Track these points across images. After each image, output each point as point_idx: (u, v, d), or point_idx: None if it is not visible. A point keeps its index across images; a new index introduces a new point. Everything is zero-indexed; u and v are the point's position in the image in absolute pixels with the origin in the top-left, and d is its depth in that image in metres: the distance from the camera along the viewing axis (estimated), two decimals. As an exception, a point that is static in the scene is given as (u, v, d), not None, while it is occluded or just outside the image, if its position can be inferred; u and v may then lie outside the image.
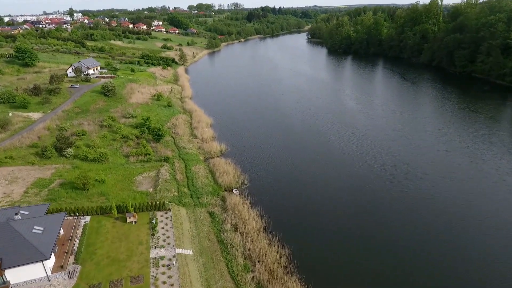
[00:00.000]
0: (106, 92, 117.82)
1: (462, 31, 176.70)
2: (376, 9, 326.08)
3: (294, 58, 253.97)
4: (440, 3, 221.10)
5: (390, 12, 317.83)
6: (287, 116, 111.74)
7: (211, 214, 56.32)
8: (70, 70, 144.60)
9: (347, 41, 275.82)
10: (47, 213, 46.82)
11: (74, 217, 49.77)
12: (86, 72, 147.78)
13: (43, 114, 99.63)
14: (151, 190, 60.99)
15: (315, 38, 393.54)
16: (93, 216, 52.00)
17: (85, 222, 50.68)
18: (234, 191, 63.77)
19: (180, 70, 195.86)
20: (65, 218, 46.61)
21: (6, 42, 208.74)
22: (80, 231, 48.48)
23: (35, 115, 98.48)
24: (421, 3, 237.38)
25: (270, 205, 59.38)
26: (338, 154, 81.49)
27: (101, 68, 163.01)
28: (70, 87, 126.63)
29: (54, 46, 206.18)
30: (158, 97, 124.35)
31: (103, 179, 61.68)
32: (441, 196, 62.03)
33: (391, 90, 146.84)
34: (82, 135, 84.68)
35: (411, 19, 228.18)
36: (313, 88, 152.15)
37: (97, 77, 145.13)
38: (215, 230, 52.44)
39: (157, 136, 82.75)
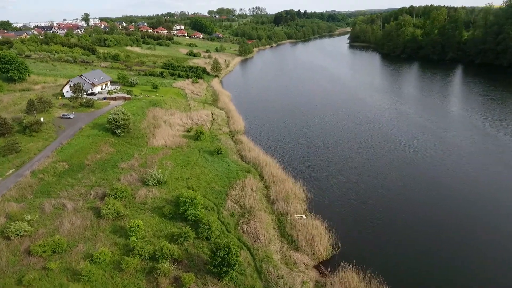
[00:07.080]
0: (115, 128, 71.72)
1: None
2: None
3: (353, 67, 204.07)
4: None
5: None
6: (440, 190, 62.04)
7: None
8: (67, 87, 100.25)
9: (412, 45, 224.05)
10: None
11: None
12: (90, 90, 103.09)
13: (-3, 180, 53.95)
14: None
15: (358, 42, 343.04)
16: None
17: None
18: None
19: (215, 83, 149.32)
20: None
21: (1, 50, 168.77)
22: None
23: (-20, 184, 52.83)
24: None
25: None
26: None
27: (112, 83, 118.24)
28: (60, 116, 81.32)
29: (57, 53, 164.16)
30: (198, 133, 77.05)
31: None
32: None
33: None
34: (53, 252, 37.83)
35: (511, 16, 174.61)
36: (443, 124, 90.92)
37: (105, 98, 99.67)
38: None
39: (224, 266, 34.76)
